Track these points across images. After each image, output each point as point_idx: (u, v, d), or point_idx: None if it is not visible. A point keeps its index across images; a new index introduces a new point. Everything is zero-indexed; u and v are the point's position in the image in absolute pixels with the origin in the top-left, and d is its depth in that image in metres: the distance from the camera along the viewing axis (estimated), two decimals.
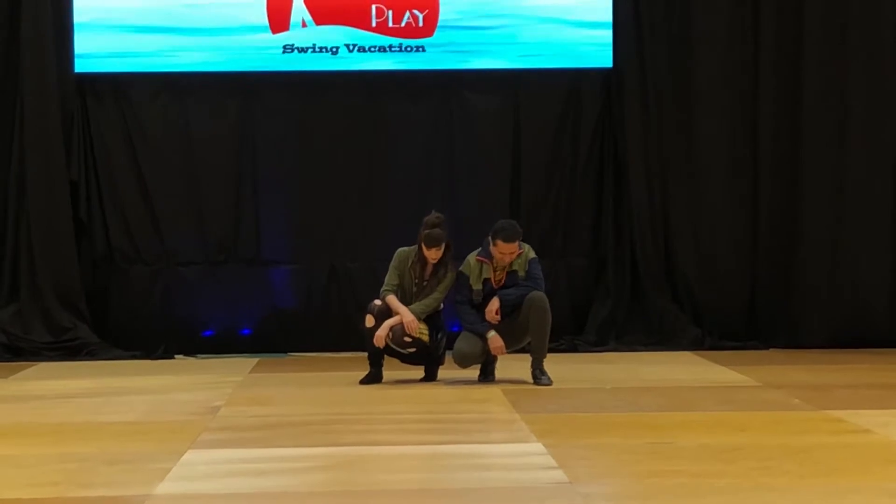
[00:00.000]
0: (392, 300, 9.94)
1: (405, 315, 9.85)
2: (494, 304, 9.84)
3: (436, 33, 12.28)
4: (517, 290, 9.86)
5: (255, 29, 12.24)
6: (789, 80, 12.35)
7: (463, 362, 10.00)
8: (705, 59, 12.38)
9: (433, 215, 10.00)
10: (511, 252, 9.83)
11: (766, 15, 12.38)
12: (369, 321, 9.89)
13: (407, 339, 9.90)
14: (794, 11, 12.33)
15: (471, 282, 9.91)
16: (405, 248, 10.09)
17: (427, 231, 9.90)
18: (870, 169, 12.34)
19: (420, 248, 9.95)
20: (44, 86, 12.08)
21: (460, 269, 9.98)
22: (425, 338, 9.97)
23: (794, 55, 12.34)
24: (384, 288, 10.01)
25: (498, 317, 9.85)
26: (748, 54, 12.40)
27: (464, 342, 9.95)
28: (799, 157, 12.33)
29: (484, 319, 9.87)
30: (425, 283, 9.98)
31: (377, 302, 9.92)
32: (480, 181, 12.40)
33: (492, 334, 9.86)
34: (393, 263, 10.06)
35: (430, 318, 10.00)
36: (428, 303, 9.95)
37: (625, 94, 12.37)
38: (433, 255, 9.93)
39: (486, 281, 9.92)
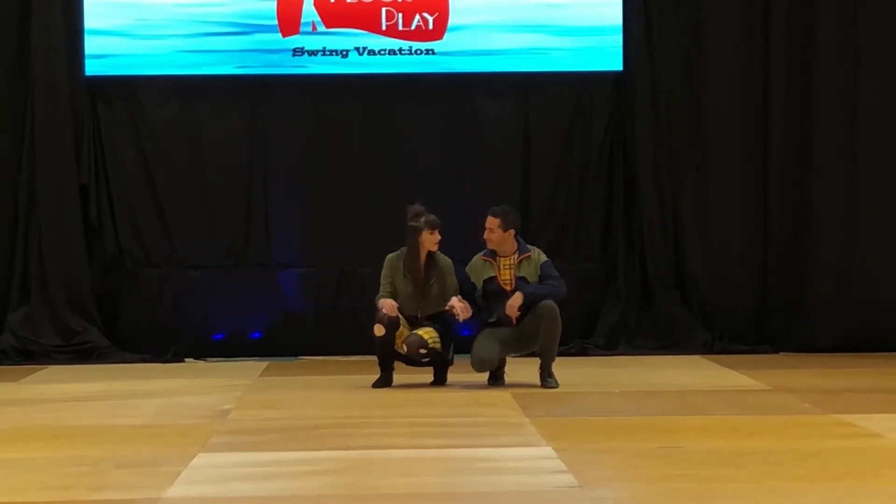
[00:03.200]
0: (384, 302, 9.90)
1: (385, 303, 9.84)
2: (518, 299, 9.78)
3: (445, 36, 12.28)
4: (537, 287, 9.83)
5: (266, 32, 12.25)
6: (800, 81, 12.33)
7: (481, 367, 10.00)
8: (715, 61, 12.37)
9: (416, 205, 9.97)
10: (489, 228, 9.86)
11: (776, 15, 12.36)
12: (378, 330, 9.85)
13: (422, 350, 9.89)
14: (805, 10, 12.30)
15: (472, 279, 9.92)
16: (392, 254, 10.06)
17: (425, 218, 9.89)
18: (882, 171, 12.32)
19: (415, 243, 9.89)
20: (54, 89, 12.10)
21: (466, 269, 9.99)
22: (438, 346, 9.96)
23: (804, 54, 12.31)
24: (379, 295, 9.96)
25: (518, 312, 9.82)
26: (758, 55, 12.38)
27: (481, 347, 9.94)
28: (810, 159, 12.31)
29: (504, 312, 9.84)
30: (431, 282, 9.91)
31: (384, 311, 9.92)
32: (490, 184, 12.38)
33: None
34: (384, 272, 10.01)
35: (438, 322, 9.97)
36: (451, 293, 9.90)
37: (635, 98, 12.36)
38: (437, 238, 9.88)
39: (492, 280, 9.92)
